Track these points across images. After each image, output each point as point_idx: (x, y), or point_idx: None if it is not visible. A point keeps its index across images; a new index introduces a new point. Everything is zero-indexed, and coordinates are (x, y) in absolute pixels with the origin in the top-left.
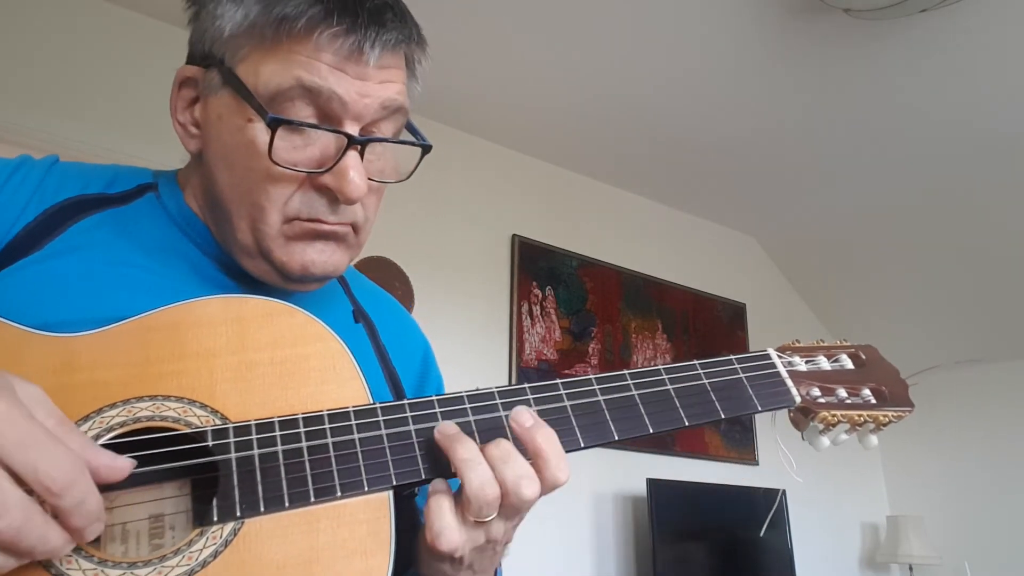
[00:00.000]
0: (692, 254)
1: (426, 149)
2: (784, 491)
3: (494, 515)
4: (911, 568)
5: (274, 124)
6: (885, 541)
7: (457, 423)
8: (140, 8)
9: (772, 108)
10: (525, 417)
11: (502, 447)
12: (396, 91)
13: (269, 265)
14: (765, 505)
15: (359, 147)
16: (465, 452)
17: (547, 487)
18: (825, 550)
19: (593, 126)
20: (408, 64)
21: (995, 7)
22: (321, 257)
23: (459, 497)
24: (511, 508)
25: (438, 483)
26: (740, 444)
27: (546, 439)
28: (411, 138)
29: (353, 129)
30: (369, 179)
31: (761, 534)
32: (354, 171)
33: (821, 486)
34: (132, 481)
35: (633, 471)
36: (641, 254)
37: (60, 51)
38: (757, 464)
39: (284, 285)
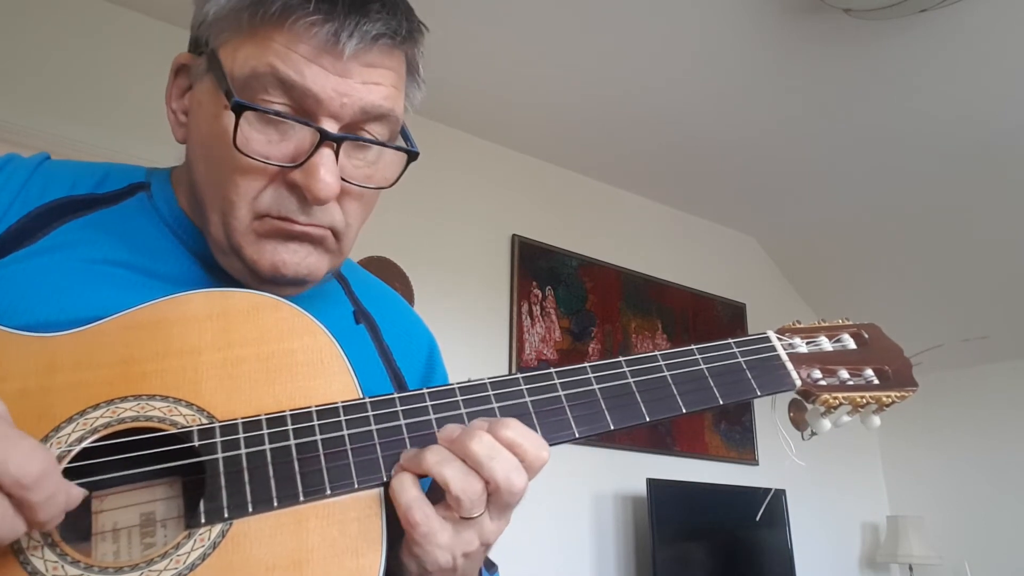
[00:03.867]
0: (692, 254)
1: (412, 156)
2: (784, 491)
3: (481, 511)
4: (911, 568)
5: (238, 109)
6: (885, 541)
7: (449, 416)
8: (140, 8)
9: (772, 108)
10: (481, 423)
11: (484, 441)
12: (382, 95)
13: (241, 263)
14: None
15: (334, 145)
16: (435, 454)
17: (533, 470)
18: (825, 550)
19: (593, 126)
20: (409, 66)
21: (995, 7)
22: (294, 259)
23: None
24: (502, 503)
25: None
26: (740, 444)
27: (510, 428)
28: (401, 143)
29: (330, 126)
30: (350, 183)
31: (757, 518)
32: (324, 169)
33: (821, 486)
34: (120, 482)
35: (633, 471)
36: (641, 254)
37: (60, 51)
38: (757, 464)
39: (259, 286)
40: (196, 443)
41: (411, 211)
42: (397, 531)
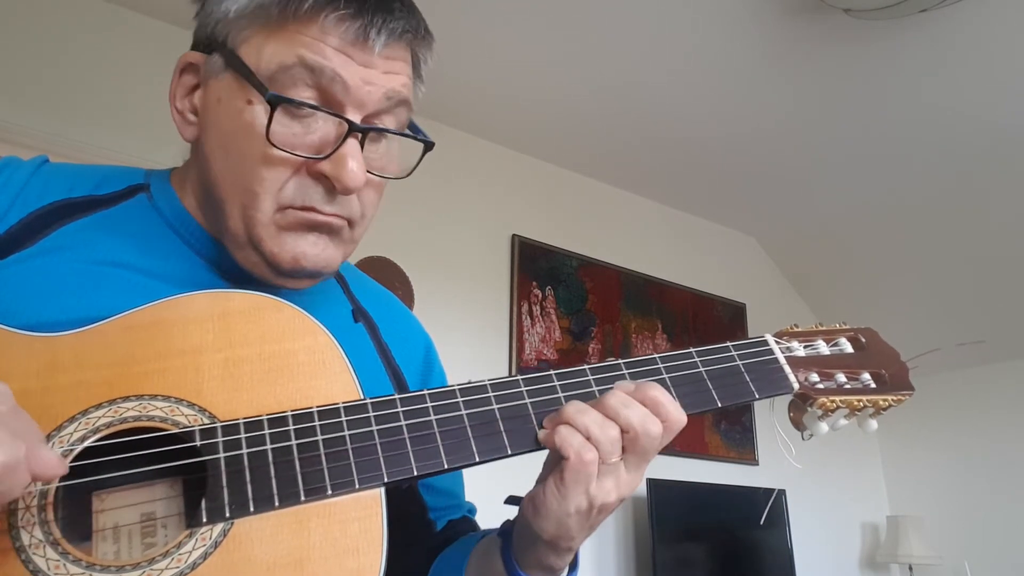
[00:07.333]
0: (692, 254)
1: (428, 146)
2: (784, 491)
3: (618, 457)
4: (911, 568)
5: (274, 101)
6: (885, 541)
7: (450, 416)
8: (140, 8)
9: (772, 108)
10: (627, 385)
11: (618, 395)
12: (401, 83)
13: (259, 256)
14: (765, 505)
15: (359, 136)
16: (574, 406)
17: (672, 428)
18: (825, 550)
19: (593, 126)
20: (414, 62)
21: (995, 6)
22: (313, 250)
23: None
24: (640, 449)
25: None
26: (740, 444)
27: (654, 388)
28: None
29: (355, 117)
30: (369, 172)
31: (761, 522)
32: (353, 159)
33: (821, 486)
34: (121, 481)
35: None
36: (641, 254)
37: (60, 51)
38: (757, 464)
39: (275, 279)
40: (198, 443)
41: (411, 211)
42: (397, 532)
